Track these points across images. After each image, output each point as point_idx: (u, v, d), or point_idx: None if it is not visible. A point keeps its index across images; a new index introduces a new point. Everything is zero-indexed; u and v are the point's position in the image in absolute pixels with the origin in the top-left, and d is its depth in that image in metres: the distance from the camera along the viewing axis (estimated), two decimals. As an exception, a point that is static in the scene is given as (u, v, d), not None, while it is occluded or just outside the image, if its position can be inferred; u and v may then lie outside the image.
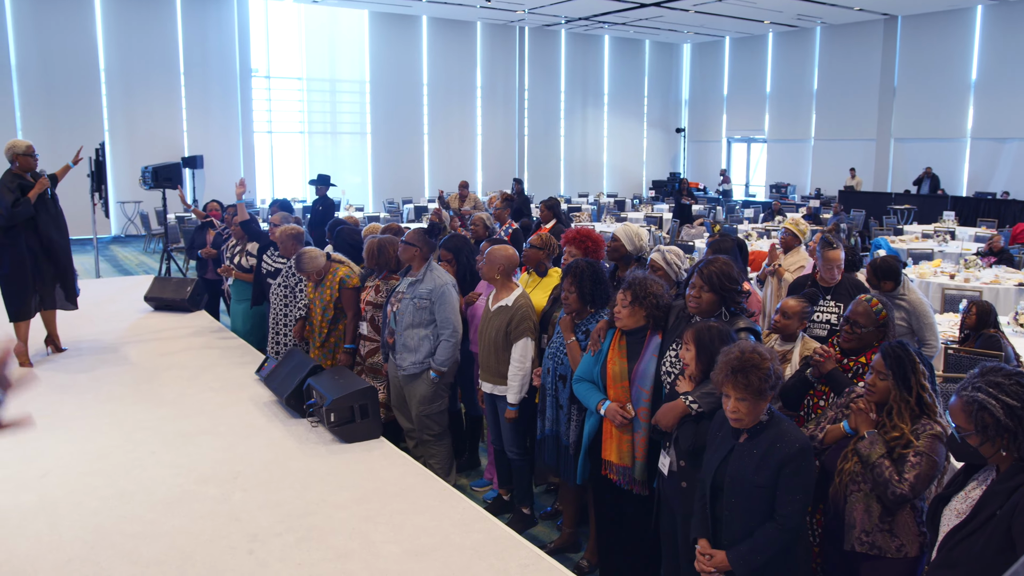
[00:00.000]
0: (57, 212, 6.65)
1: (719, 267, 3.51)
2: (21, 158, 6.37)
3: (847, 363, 3.50)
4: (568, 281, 4.06)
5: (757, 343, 2.91)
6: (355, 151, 22.51)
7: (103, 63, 18.23)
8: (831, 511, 3.03)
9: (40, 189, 6.37)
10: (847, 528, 2.94)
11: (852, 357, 3.51)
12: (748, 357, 2.78)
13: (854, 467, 2.93)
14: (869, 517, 2.89)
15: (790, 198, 22.95)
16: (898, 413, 2.89)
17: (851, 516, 2.93)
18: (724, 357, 2.85)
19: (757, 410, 2.81)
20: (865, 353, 3.49)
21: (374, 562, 3.50)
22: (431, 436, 5.05)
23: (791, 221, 6.86)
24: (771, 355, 2.83)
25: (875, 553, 2.89)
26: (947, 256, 11.67)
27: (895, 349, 2.94)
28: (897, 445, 2.85)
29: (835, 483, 2.99)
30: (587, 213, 17.88)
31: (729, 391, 2.81)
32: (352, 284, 5.56)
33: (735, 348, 2.85)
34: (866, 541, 2.90)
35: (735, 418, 2.83)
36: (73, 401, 5.61)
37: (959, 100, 21.02)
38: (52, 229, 6.52)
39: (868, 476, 2.85)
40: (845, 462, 2.97)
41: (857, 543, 2.92)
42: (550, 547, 4.51)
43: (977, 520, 2.26)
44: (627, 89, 27.45)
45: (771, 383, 2.78)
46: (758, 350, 2.82)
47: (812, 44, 24.31)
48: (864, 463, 2.87)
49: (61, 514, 3.93)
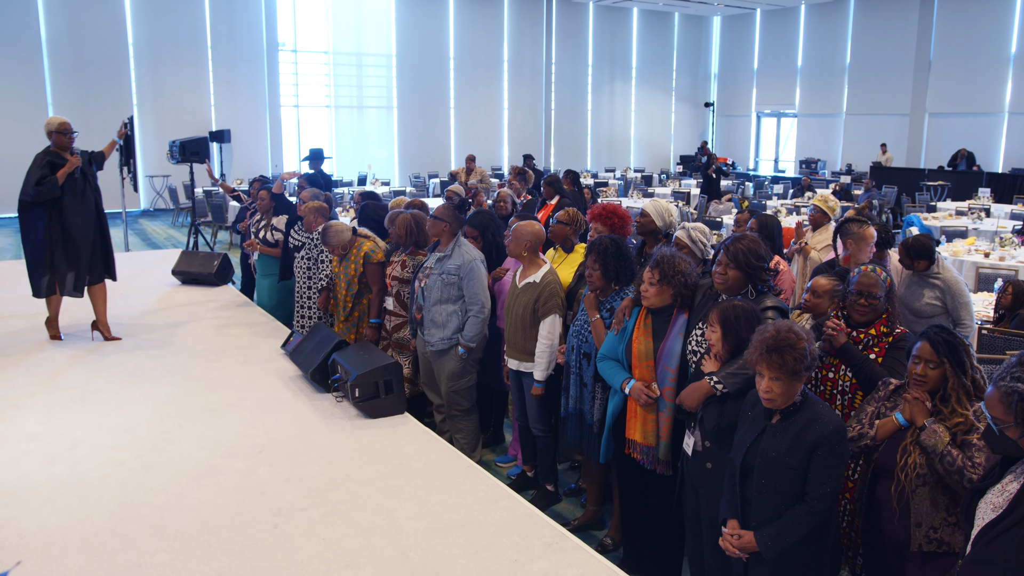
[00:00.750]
0: (87, 196, 6.31)
1: (746, 244, 3.44)
2: (55, 136, 6.14)
3: (857, 335, 3.42)
4: (592, 258, 4.01)
5: (793, 322, 2.84)
6: (381, 125, 22.48)
7: (131, 37, 18.32)
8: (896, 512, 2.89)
9: (68, 169, 6.10)
10: (913, 527, 2.84)
11: (861, 329, 3.42)
12: (784, 336, 2.72)
13: (917, 460, 2.82)
14: (937, 511, 2.80)
15: (820, 174, 22.61)
16: (958, 400, 2.80)
17: (918, 514, 2.83)
18: (759, 336, 2.79)
19: (792, 391, 2.76)
20: (875, 324, 3.40)
21: (397, 538, 3.51)
22: (459, 411, 5.05)
23: (820, 198, 6.69)
24: (807, 335, 2.76)
25: (943, 551, 2.79)
26: (982, 234, 11.42)
27: (943, 335, 2.85)
28: (959, 431, 2.77)
29: (898, 479, 2.87)
30: (614, 188, 17.73)
31: (763, 370, 2.75)
32: (377, 259, 5.55)
33: (771, 327, 2.79)
34: (935, 539, 2.80)
35: (768, 398, 2.77)
36: (102, 374, 5.67)
37: (998, 74, 20.51)
38: (76, 214, 6.22)
39: (936, 467, 2.75)
40: (907, 456, 2.85)
41: (925, 541, 2.81)
42: (573, 524, 4.50)
43: (1015, 515, 2.18)
44: (655, 63, 27.11)
45: (806, 363, 2.72)
46: (794, 329, 2.75)
47: (846, 16, 23.81)
48: (930, 454, 2.76)
49: (90, 486, 3.98)
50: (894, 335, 3.39)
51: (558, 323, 4.47)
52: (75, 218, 6.21)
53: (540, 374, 4.50)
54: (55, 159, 6.12)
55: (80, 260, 6.30)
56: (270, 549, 3.43)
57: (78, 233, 6.24)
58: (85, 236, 6.30)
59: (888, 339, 3.38)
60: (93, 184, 6.42)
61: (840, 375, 3.41)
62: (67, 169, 6.10)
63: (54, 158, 6.12)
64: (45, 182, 6.02)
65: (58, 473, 4.13)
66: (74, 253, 6.27)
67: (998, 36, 20.35)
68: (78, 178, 6.24)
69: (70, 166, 6.10)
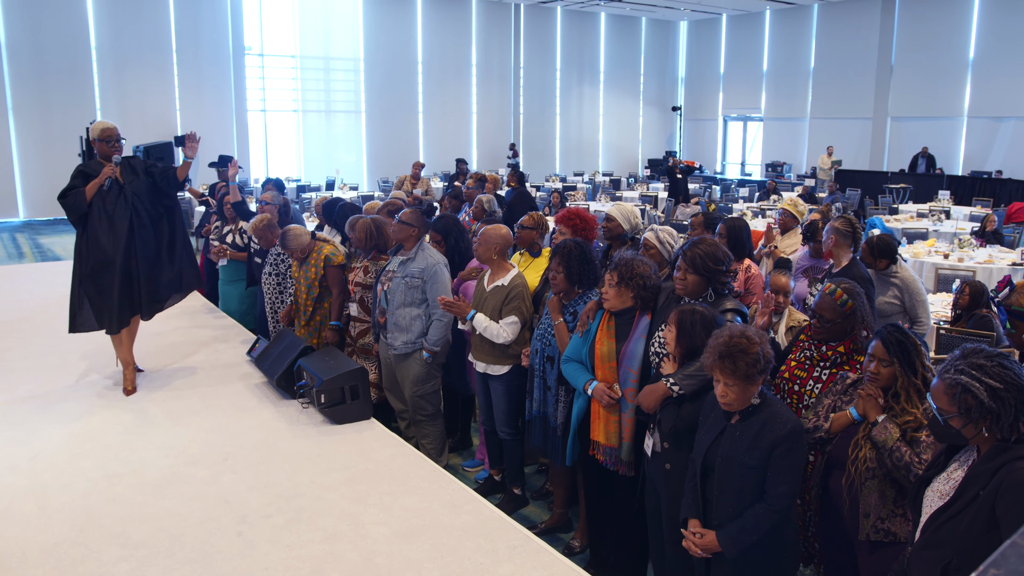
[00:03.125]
0: (118, 214, 5.22)
1: (704, 249, 3.49)
2: (97, 144, 5.29)
3: (825, 350, 3.44)
4: (556, 261, 4.04)
5: (748, 326, 2.88)
6: (349, 129, 22.38)
7: (94, 41, 18.06)
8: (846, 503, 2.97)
9: (99, 181, 5.17)
10: (862, 517, 2.91)
11: (830, 344, 3.44)
12: (736, 342, 2.75)
13: (868, 454, 2.89)
14: (884, 503, 2.87)
15: (786, 177, 22.90)
16: (907, 398, 2.86)
17: (867, 504, 2.90)
18: (713, 341, 2.83)
19: (746, 394, 2.80)
20: (843, 341, 3.40)
21: (362, 543, 3.51)
22: (424, 416, 5.05)
23: (789, 202, 6.75)
24: (760, 338, 2.80)
25: (890, 540, 2.86)
26: (941, 236, 11.64)
27: (895, 335, 2.90)
28: (909, 428, 2.83)
29: (849, 472, 2.94)
30: (582, 192, 17.82)
31: (718, 376, 2.80)
32: (337, 262, 5.53)
33: (724, 332, 2.82)
34: (882, 528, 2.87)
35: (725, 402, 2.83)
36: (64, 382, 5.60)
37: (956, 78, 20.92)
38: (104, 236, 5.17)
39: (885, 462, 2.81)
40: (858, 450, 2.92)
41: (872, 531, 2.88)
42: (540, 527, 4.52)
43: (961, 501, 2.26)
44: (623, 67, 27.28)
45: (760, 367, 2.76)
46: (747, 334, 2.79)
47: (809, 22, 24.15)
48: (880, 449, 2.82)
49: (50, 496, 3.93)
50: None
51: (518, 326, 4.49)
52: (99, 239, 5.19)
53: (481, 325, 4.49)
54: (89, 169, 5.31)
55: (103, 291, 5.24)
56: (234, 557, 3.41)
57: (100, 258, 5.20)
58: (107, 262, 5.20)
59: (861, 356, 3.33)
60: (132, 201, 5.31)
61: (806, 390, 3.42)
62: (96, 182, 5.19)
63: (88, 168, 5.34)
64: (70, 195, 5.20)
65: (18, 484, 4.07)
66: (93, 283, 5.24)
67: (957, 41, 20.77)
68: (107, 191, 5.24)
69: (101, 177, 5.20)
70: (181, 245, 5.61)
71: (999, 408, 2.21)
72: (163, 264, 5.49)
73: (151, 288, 5.41)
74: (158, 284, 5.46)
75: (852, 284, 3.42)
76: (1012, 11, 19.61)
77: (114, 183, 5.25)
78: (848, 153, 22.66)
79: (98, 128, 5.32)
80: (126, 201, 5.28)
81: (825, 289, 3.40)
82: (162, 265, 5.48)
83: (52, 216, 17.64)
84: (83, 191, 5.17)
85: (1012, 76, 19.67)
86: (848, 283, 3.42)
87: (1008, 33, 19.67)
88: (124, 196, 5.28)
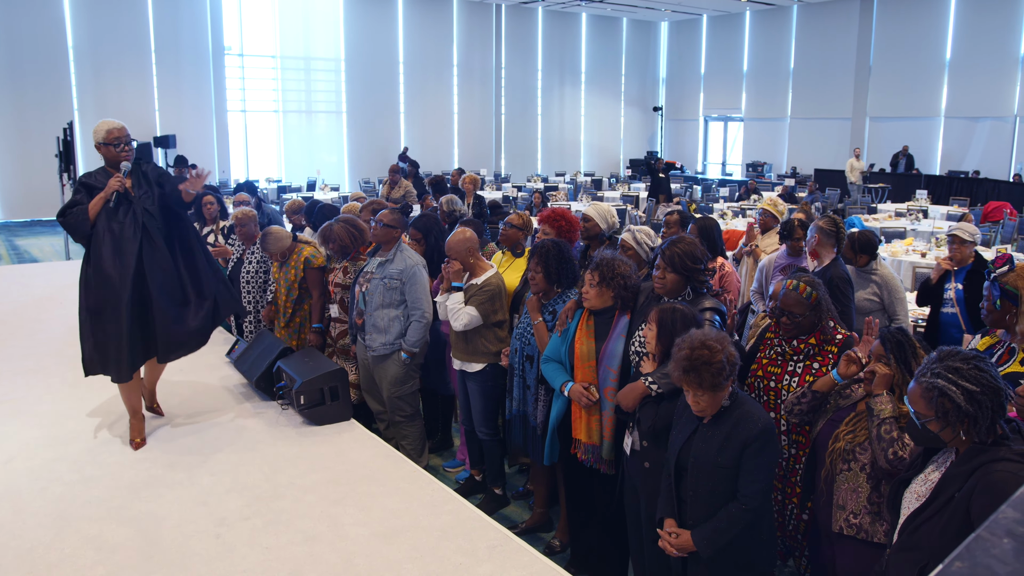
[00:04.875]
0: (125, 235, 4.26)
1: (682, 248, 3.52)
2: (101, 148, 4.36)
3: (797, 344, 3.47)
4: (534, 261, 4.05)
5: (708, 333, 2.87)
6: (330, 130, 22.31)
7: (71, 40, 17.89)
8: (823, 494, 3.00)
9: (104, 196, 4.27)
10: (835, 508, 2.94)
11: (801, 338, 3.45)
12: (697, 355, 2.75)
13: (845, 446, 2.92)
14: (857, 497, 2.89)
15: (766, 177, 23.03)
16: (900, 397, 2.89)
17: (840, 496, 2.93)
18: (676, 353, 2.83)
19: (717, 400, 2.82)
20: (813, 334, 3.42)
21: (342, 544, 3.50)
22: (403, 417, 5.04)
23: (769, 202, 6.80)
24: (722, 344, 2.79)
25: (862, 537, 2.88)
26: (919, 235, 11.75)
27: (895, 334, 2.92)
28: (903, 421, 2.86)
29: (826, 464, 2.97)
30: (564, 192, 17.84)
31: (686, 388, 2.83)
32: (317, 263, 5.50)
33: (685, 344, 2.81)
34: (854, 523, 2.89)
35: (697, 410, 2.85)
36: (40, 385, 5.54)
37: (934, 79, 21.14)
38: (110, 262, 4.22)
39: (872, 431, 2.79)
40: (836, 442, 2.96)
41: (845, 524, 2.91)
42: (521, 527, 4.52)
43: (937, 503, 2.27)
44: (604, 68, 27.35)
45: (726, 374, 2.76)
46: (707, 343, 2.77)
47: (789, 23, 24.31)
48: (873, 417, 2.80)
49: (25, 501, 3.88)
50: (836, 342, 3.39)
51: (476, 319, 4.47)
52: (103, 266, 4.24)
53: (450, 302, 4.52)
54: (92, 180, 4.39)
55: (108, 330, 4.29)
56: (212, 560, 3.39)
57: (105, 288, 4.25)
58: (113, 293, 4.23)
59: (831, 347, 3.38)
60: (143, 218, 4.32)
61: (783, 385, 3.43)
62: (101, 196, 4.29)
63: (91, 178, 4.40)
64: (70, 213, 4.31)
65: (-9, 488, 4.02)
66: (98, 318, 4.30)
67: (934, 43, 20.99)
68: (113, 207, 4.31)
69: (106, 191, 4.29)
70: (206, 266, 4.60)
71: (976, 411, 2.21)
72: (186, 294, 4.46)
73: (170, 325, 4.36)
74: (180, 320, 4.40)
75: (810, 276, 3.47)
76: (987, 12, 19.85)
77: (121, 197, 4.31)
78: (827, 153, 22.86)
79: (102, 130, 4.37)
80: (136, 219, 4.29)
81: (788, 285, 3.40)
82: (184, 295, 4.46)
83: (29, 217, 17.47)
84: (85, 208, 4.27)
85: (988, 77, 19.91)
86: (807, 276, 3.47)
87: (983, 34, 19.91)
88: (134, 213, 4.30)
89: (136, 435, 4.58)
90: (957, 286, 5.43)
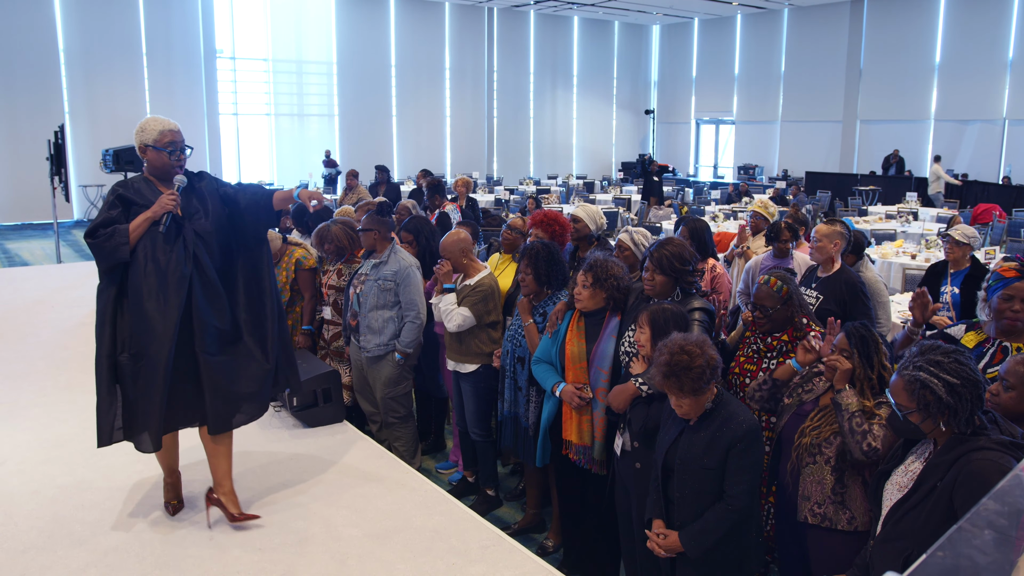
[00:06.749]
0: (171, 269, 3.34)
1: (671, 250, 3.55)
2: (149, 153, 3.46)
3: (771, 341, 3.52)
4: (524, 263, 4.07)
5: (688, 337, 2.88)
6: (322, 133, 22.29)
7: (62, 43, 17.85)
8: (788, 486, 3.07)
9: (153, 216, 3.35)
10: (800, 500, 3.00)
11: (774, 335, 3.51)
12: (677, 360, 2.77)
13: (811, 442, 2.98)
14: (822, 489, 2.95)
15: (758, 179, 23.13)
16: (860, 390, 2.94)
17: (805, 488, 2.99)
18: (657, 357, 2.85)
19: (700, 403, 2.85)
20: (786, 330, 3.48)
21: (335, 546, 3.51)
22: (396, 419, 5.05)
23: (760, 204, 6.84)
24: (702, 347, 2.81)
25: (827, 525, 2.95)
26: (909, 236, 11.82)
27: (859, 329, 2.97)
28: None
29: (792, 459, 3.04)
30: (556, 195, 17.89)
31: (668, 393, 2.86)
32: (308, 265, 5.51)
33: (665, 349, 2.83)
34: (818, 513, 2.96)
35: (681, 414, 2.88)
36: (31, 389, 5.54)
37: (923, 82, 21.28)
38: (153, 301, 3.31)
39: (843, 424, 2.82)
40: (802, 437, 3.02)
41: (810, 515, 2.97)
42: (514, 528, 4.54)
43: (919, 493, 2.33)
44: (596, 71, 27.43)
45: (707, 377, 2.78)
46: (686, 349, 2.79)
47: (780, 26, 24.44)
48: (841, 412, 2.84)
49: (17, 504, 3.89)
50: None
51: (469, 319, 4.49)
52: (143, 305, 3.33)
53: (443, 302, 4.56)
54: (131, 193, 3.45)
55: (140, 387, 3.37)
56: (204, 561, 3.40)
57: (144, 332, 3.34)
58: (150, 339, 3.32)
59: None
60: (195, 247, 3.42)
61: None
62: (148, 215, 3.36)
63: (130, 191, 3.45)
64: (102, 234, 3.35)
65: (-16, 491, 4.02)
66: (131, 369, 3.38)
67: (924, 46, 21.14)
68: (164, 233, 3.37)
69: (157, 209, 3.36)
70: (274, 319, 3.64)
71: (956, 403, 2.28)
72: (245, 348, 3.55)
73: (223, 386, 3.47)
74: (235, 380, 3.50)
75: (783, 272, 3.54)
76: (976, 15, 20.00)
77: (173, 221, 3.39)
78: (818, 156, 22.98)
79: (153, 129, 3.46)
80: (186, 248, 3.39)
81: (760, 280, 3.51)
82: (244, 349, 3.55)
83: (19, 221, 17.41)
84: (124, 230, 3.33)
85: (977, 80, 20.05)
86: (780, 272, 3.54)
87: (973, 37, 20.05)
88: (184, 241, 3.40)
89: (172, 496, 3.83)
90: (953, 290, 5.44)
